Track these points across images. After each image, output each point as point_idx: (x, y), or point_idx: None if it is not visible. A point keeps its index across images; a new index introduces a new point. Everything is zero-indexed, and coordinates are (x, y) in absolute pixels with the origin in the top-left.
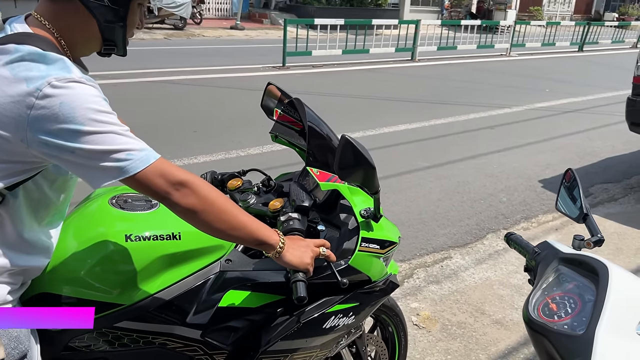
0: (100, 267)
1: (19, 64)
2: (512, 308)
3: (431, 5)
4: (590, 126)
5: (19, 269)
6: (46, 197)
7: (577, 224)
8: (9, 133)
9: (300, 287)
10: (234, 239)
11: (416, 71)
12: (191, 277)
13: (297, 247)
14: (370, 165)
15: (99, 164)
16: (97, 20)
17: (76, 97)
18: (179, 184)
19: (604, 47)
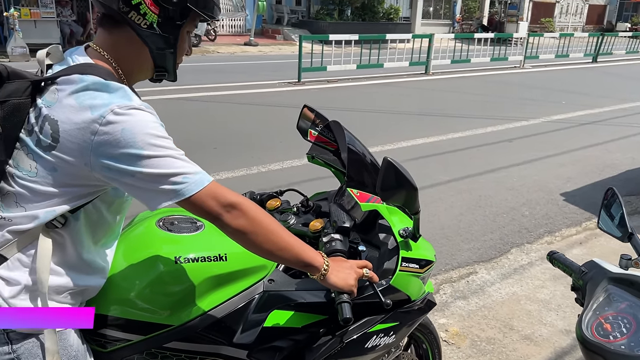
0: (150, 288)
1: (84, 93)
2: (541, 323)
3: (442, 19)
4: (608, 138)
5: (79, 289)
6: (104, 219)
7: (601, 237)
8: (74, 158)
9: (345, 308)
10: (281, 259)
11: (431, 85)
12: (236, 297)
13: (341, 269)
14: (412, 187)
15: (157, 186)
16: (149, 48)
17: (136, 124)
18: (230, 205)
19: (618, 57)
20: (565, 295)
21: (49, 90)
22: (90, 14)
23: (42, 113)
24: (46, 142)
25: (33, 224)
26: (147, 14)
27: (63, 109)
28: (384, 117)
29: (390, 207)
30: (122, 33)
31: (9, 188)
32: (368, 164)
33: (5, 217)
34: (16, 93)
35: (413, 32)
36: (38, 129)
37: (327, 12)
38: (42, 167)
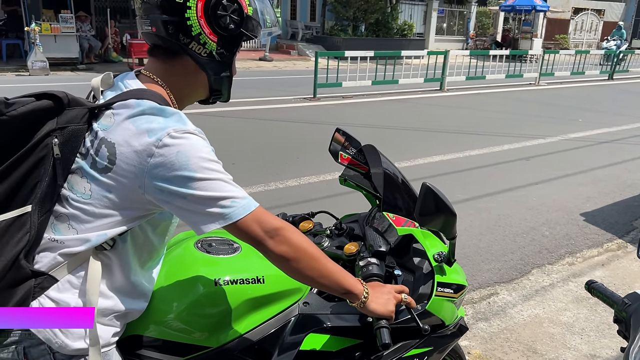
0: (189, 310)
1: (141, 117)
2: (565, 347)
3: (456, 35)
4: (628, 157)
5: (123, 312)
6: (150, 242)
7: (624, 259)
8: (129, 180)
9: (385, 333)
10: (322, 286)
11: (446, 101)
12: (273, 320)
13: (380, 295)
14: (451, 212)
15: (206, 209)
16: (207, 74)
17: (191, 147)
18: (273, 231)
19: (635, 75)
20: (589, 319)
21: (104, 115)
22: (108, 28)
23: (99, 136)
24: (102, 165)
25: (84, 246)
26: (207, 43)
27: (120, 132)
28: (400, 133)
29: (425, 231)
30: (177, 61)
31: (63, 210)
32: (402, 188)
33: (58, 240)
34: (75, 119)
35: (427, 48)
36: (94, 151)
37: (341, 28)
38: (96, 189)
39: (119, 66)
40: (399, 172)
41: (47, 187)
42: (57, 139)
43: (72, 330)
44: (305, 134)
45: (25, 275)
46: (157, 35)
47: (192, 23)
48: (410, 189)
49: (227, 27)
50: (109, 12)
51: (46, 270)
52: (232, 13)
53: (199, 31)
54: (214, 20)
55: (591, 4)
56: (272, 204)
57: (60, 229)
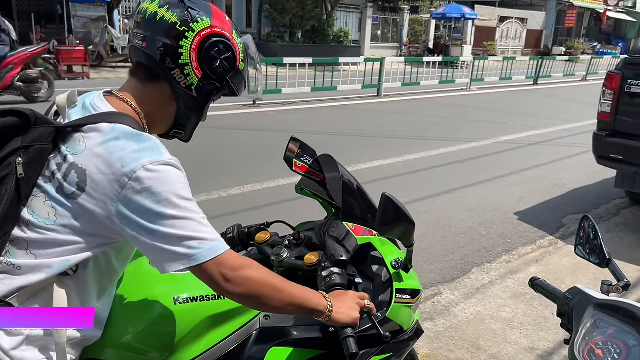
0: (148, 331)
1: (114, 144)
2: (506, 342)
3: (390, 42)
4: (554, 158)
5: (79, 340)
6: (112, 267)
7: (555, 255)
8: (98, 208)
9: (351, 343)
10: (289, 312)
11: (383, 107)
12: (234, 335)
13: (344, 304)
14: (410, 221)
15: (172, 248)
16: (178, 106)
17: (165, 182)
18: (231, 272)
19: (557, 80)
20: (527, 314)
21: (73, 138)
22: (33, 34)
23: (68, 160)
24: (70, 190)
25: (44, 273)
26: (190, 76)
27: (92, 159)
28: (340, 139)
29: (382, 239)
30: (156, 87)
31: (21, 234)
32: (359, 196)
33: (15, 265)
34: (40, 139)
35: (363, 55)
36: (61, 175)
37: (278, 34)
38: (62, 215)
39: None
40: (356, 181)
41: (8, 209)
42: (22, 157)
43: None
44: (247, 141)
45: None
46: (144, 52)
47: (183, 52)
48: (367, 197)
49: (215, 70)
50: (34, 17)
51: (1, 297)
52: (224, 59)
53: (187, 62)
54: (204, 58)
55: (515, 12)
56: (216, 212)
57: (17, 254)
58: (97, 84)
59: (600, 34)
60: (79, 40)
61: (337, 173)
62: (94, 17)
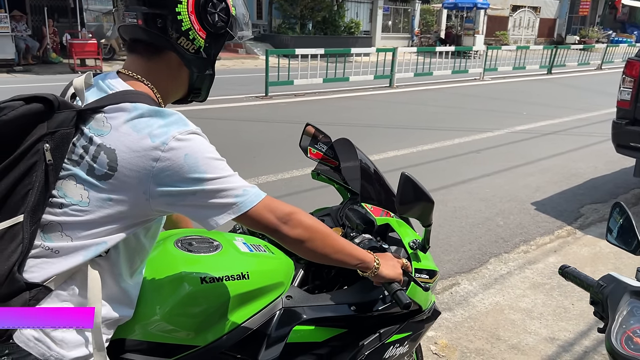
0: (176, 310)
1: (140, 121)
2: (526, 332)
3: (402, 32)
4: (571, 147)
5: (114, 320)
6: (141, 246)
7: (574, 245)
8: (132, 186)
9: (403, 295)
10: (336, 261)
11: (396, 97)
12: (258, 315)
13: (387, 261)
14: (429, 200)
15: (218, 201)
16: (191, 72)
17: (198, 148)
18: (286, 217)
19: (571, 69)
20: (546, 304)
21: (94, 119)
22: (46, 28)
23: (95, 142)
24: (102, 171)
25: (81, 255)
26: (196, 39)
27: (119, 138)
28: (353, 130)
29: (399, 220)
30: (162, 59)
31: (54, 218)
32: (376, 180)
33: (53, 248)
34: (64, 123)
35: (374, 46)
36: (90, 158)
37: (289, 26)
38: (95, 196)
39: (59, 67)
40: (373, 164)
41: (39, 195)
42: (48, 144)
43: (66, 340)
44: (261, 133)
45: (20, 288)
46: (142, 28)
47: (182, 18)
48: (384, 180)
49: (215, 25)
50: (46, 11)
51: (40, 281)
52: (220, 11)
53: (189, 27)
54: (203, 17)
55: (528, 1)
56: None
57: (52, 237)
58: None
59: (615, 22)
60: (92, 33)
61: (353, 157)
62: (106, 11)
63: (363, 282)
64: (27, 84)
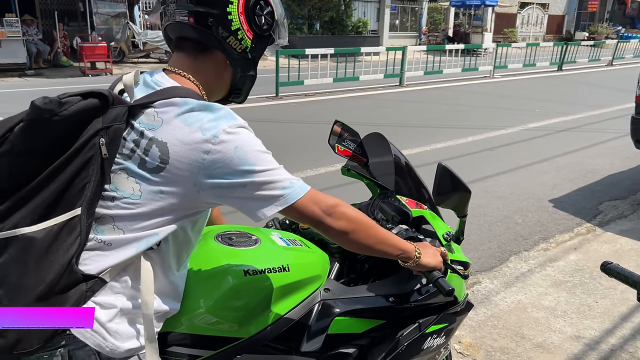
0: (221, 303)
1: (190, 115)
2: (550, 331)
3: (409, 31)
4: (586, 144)
5: (163, 313)
6: (188, 239)
7: (594, 243)
8: (184, 179)
9: (445, 282)
10: (379, 252)
11: (406, 96)
12: (299, 307)
13: (427, 250)
14: (466, 189)
15: (265, 193)
16: (234, 72)
17: (247, 141)
18: (330, 208)
19: (582, 65)
20: (569, 302)
21: (144, 114)
22: (57, 32)
23: (146, 136)
24: (153, 164)
25: (134, 247)
26: (244, 40)
27: (171, 132)
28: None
29: (432, 213)
30: (208, 57)
31: (106, 211)
32: (408, 173)
33: (105, 241)
34: (117, 118)
35: (381, 45)
36: (142, 151)
37: (296, 26)
38: (147, 189)
39: (70, 70)
40: (404, 157)
41: (95, 189)
42: (104, 138)
43: (120, 332)
44: (273, 133)
45: (77, 280)
46: (193, 26)
47: (232, 18)
48: (415, 173)
49: (262, 27)
50: (57, 15)
51: (95, 274)
52: (266, 14)
53: (238, 26)
54: (252, 18)
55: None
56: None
57: (104, 230)
58: None
59: (624, 17)
60: (101, 36)
61: (385, 152)
62: (115, 14)
63: (400, 274)
64: (38, 88)
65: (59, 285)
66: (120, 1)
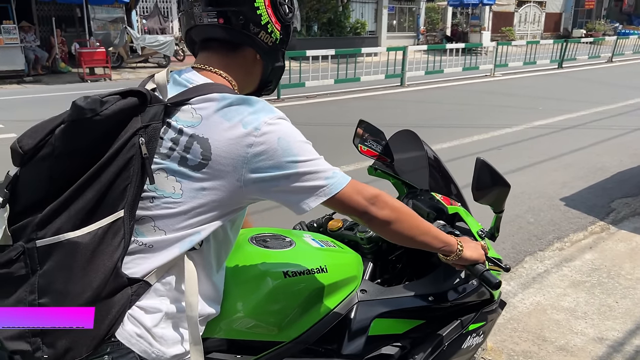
0: (262, 306)
1: (229, 109)
2: (572, 333)
3: (407, 31)
4: (592, 141)
5: (205, 316)
6: (228, 239)
7: (609, 241)
8: (227, 173)
9: (491, 275)
10: (421, 243)
11: (408, 96)
12: (338, 308)
13: (469, 243)
14: (506, 184)
15: (309, 184)
16: (265, 65)
17: (288, 132)
18: (373, 198)
19: (582, 62)
20: (589, 302)
21: (181, 111)
22: (55, 38)
23: (186, 133)
24: (195, 161)
25: (177, 248)
26: (273, 32)
27: (211, 127)
28: None
29: (466, 211)
30: (238, 55)
31: (145, 212)
32: (439, 169)
33: (147, 243)
34: (155, 117)
35: (380, 45)
36: (181, 149)
37: None
38: (188, 187)
39: (69, 76)
40: (434, 153)
41: (136, 189)
42: (143, 137)
43: (166, 337)
44: None
45: (122, 284)
46: (223, 27)
47: (261, 12)
48: (445, 170)
49: (286, 16)
50: (54, 21)
51: (140, 277)
52: (288, 2)
53: (267, 20)
54: (277, 9)
55: None
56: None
57: (144, 232)
58: (119, 85)
59: (621, 14)
60: (99, 42)
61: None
62: (113, 19)
63: (436, 273)
64: (37, 94)
65: (106, 290)
66: (118, 6)
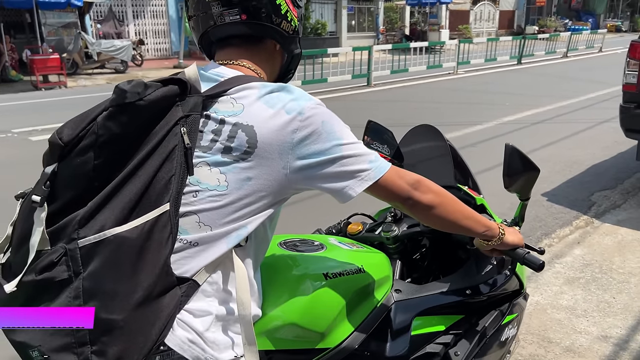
0: (305, 310)
1: (270, 96)
2: (576, 332)
3: (367, 31)
4: (562, 135)
5: (253, 317)
6: (266, 237)
7: (595, 235)
8: (273, 161)
9: (533, 257)
10: (464, 228)
11: (375, 96)
12: (377, 310)
13: (507, 228)
14: (536, 168)
15: (354, 167)
16: (286, 53)
17: (330, 116)
18: (416, 182)
19: (539, 58)
20: (587, 299)
21: (219, 102)
22: (3, 45)
23: (229, 122)
24: (241, 149)
25: (224, 244)
26: (292, 20)
27: (255, 114)
28: None
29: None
30: (261, 48)
31: (188, 208)
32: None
33: (191, 241)
34: (195, 107)
35: (340, 46)
36: (225, 139)
37: None
38: (234, 178)
39: (21, 85)
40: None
41: (181, 182)
42: (184, 127)
43: (217, 342)
44: None
45: (172, 283)
46: (246, 22)
47: (280, 2)
48: (463, 161)
49: (299, 1)
50: (2, 27)
51: (189, 276)
52: None
53: (286, 8)
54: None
55: None
56: None
57: (187, 228)
58: (75, 93)
59: (570, 10)
60: (52, 48)
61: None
62: (65, 24)
63: (468, 266)
64: None
65: (156, 290)
66: (70, 11)
